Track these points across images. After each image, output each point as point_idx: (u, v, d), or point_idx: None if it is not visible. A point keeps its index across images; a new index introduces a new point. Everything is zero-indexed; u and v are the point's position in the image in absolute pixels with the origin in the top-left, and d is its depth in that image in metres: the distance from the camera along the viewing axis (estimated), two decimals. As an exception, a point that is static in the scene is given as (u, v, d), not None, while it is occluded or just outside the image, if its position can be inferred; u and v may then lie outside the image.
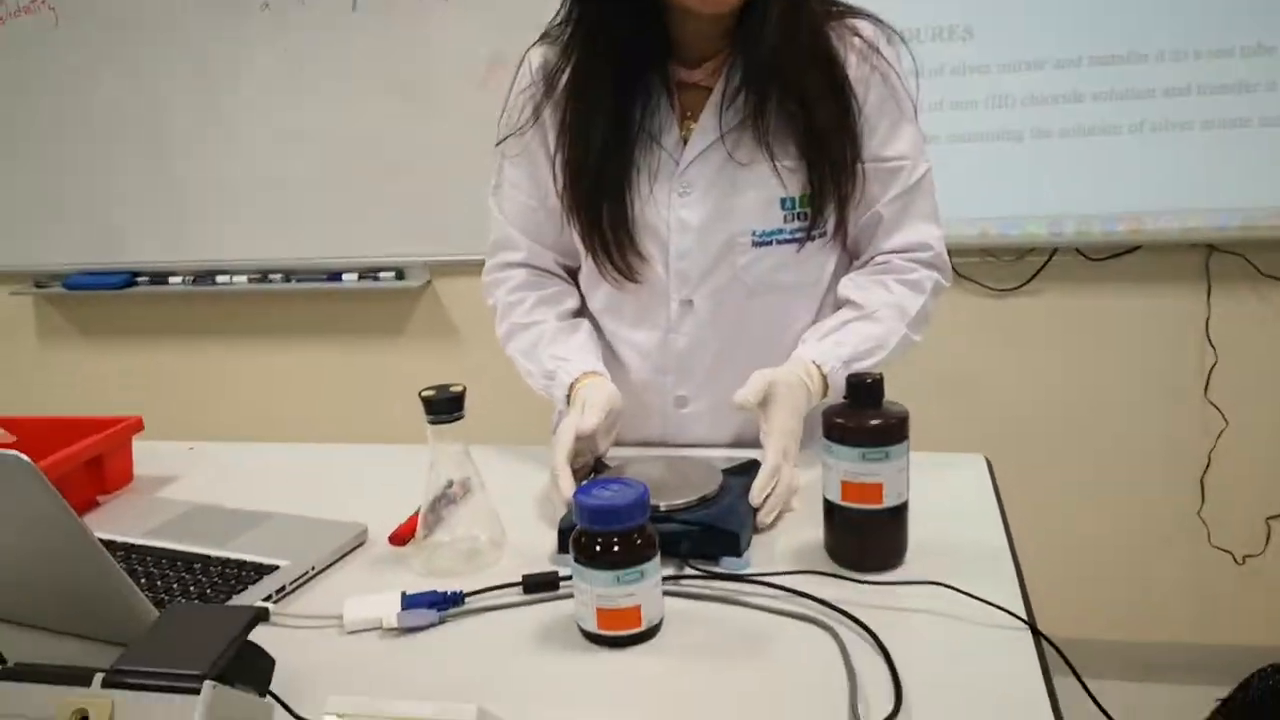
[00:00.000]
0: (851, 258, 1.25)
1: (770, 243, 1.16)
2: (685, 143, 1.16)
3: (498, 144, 1.24)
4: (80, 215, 2.65)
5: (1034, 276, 2.28)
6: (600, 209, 1.16)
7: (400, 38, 2.37)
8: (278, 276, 2.57)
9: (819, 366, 1.11)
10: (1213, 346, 2.23)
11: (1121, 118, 2.12)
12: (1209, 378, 2.25)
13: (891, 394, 0.92)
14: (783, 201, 1.15)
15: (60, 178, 2.64)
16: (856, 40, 1.14)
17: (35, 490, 0.72)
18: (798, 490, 1.06)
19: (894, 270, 1.20)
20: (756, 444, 1.22)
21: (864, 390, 0.91)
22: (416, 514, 1.00)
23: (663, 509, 0.94)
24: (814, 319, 1.22)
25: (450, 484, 0.98)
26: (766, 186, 1.14)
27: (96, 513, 1.17)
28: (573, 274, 1.31)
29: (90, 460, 1.19)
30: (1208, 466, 2.29)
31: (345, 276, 2.53)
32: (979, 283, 2.30)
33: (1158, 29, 2.07)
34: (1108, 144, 2.13)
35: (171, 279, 2.63)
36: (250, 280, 2.59)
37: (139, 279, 2.65)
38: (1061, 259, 2.25)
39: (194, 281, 2.61)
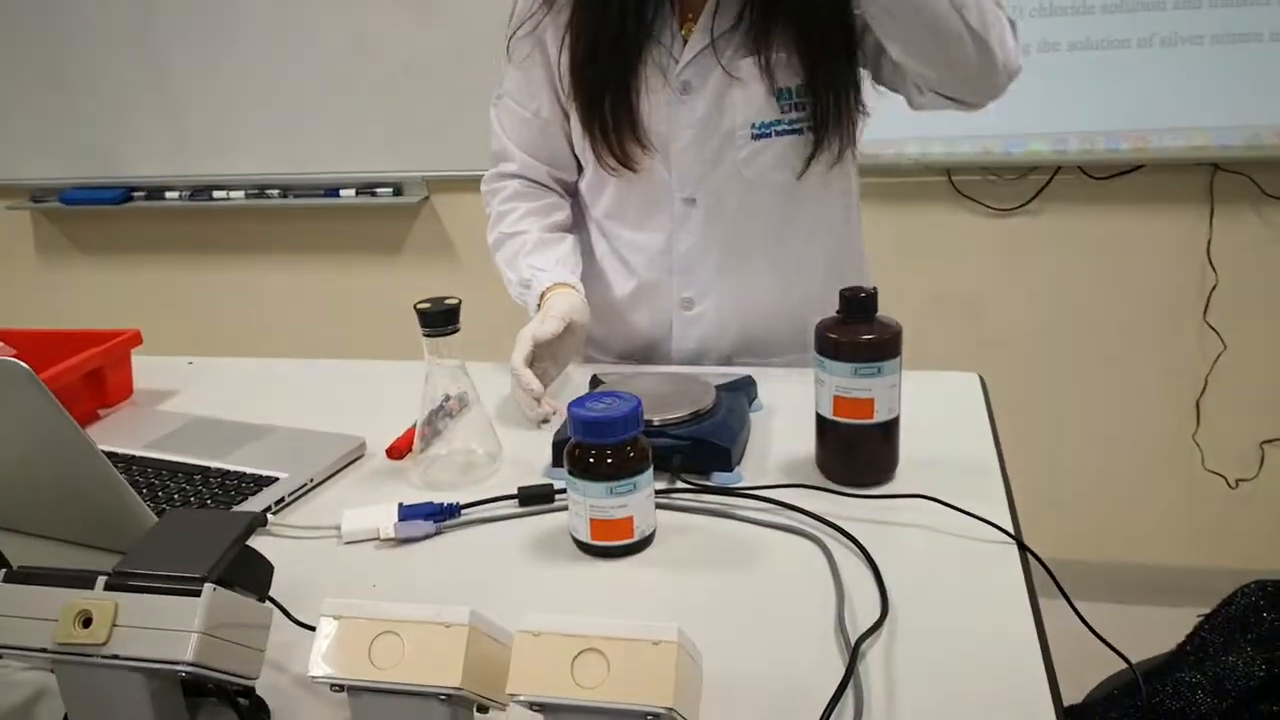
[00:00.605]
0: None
1: (770, 134, 1.17)
2: (685, 43, 1.17)
3: (508, 45, 1.24)
4: (77, 130, 2.62)
5: (1036, 196, 2.25)
6: (602, 93, 1.17)
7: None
8: (275, 192, 2.56)
9: None
10: (1213, 268, 2.22)
11: (1131, 31, 2.08)
12: (1208, 300, 2.24)
13: (890, 311, 0.92)
14: (780, 93, 1.16)
15: (57, 93, 2.60)
16: None
17: (34, 397, 0.73)
18: None
19: None
20: (759, 353, 1.26)
21: (857, 304, 0.91)
22: (413, 428, 1.02)
23: (656, 423, 0.95)
24: (816, 209, 1.23)
25: (447, 398, 0.99)
26: (763, 79, 1.15)
27: (97, 425, 1.19)
28: (569, 189, 1.32)
29: (90, 373, 1.20)
30: (1204, 390, 2.30)
31: (343, 192, 2.51)
32: (980, 202, 2.28)
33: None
34: (1116, 58, 2.09)
35: (168, 194, 2.61)
36: (247, 196, 2.57)
37: (135, 194, 2.63)
38: (1064, 178, 2.23)
39: (191, 197, 2.60)
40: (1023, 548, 0.82)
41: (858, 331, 0.91)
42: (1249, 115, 2.08)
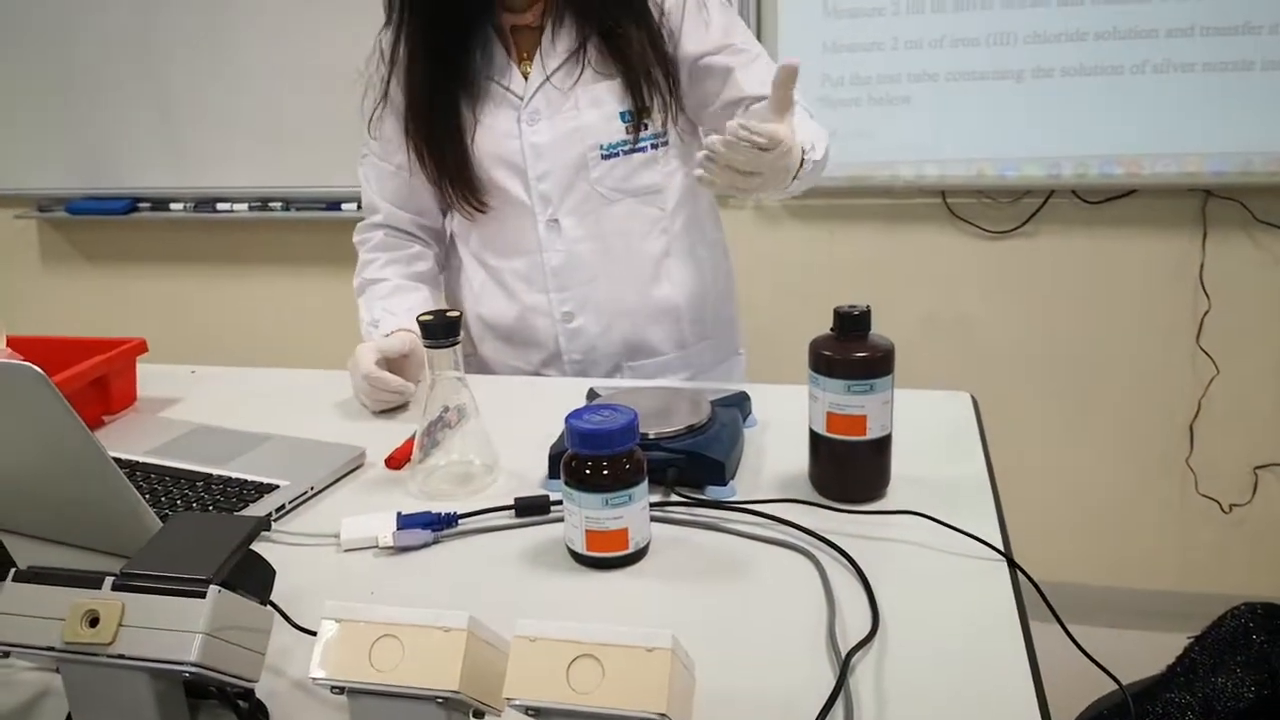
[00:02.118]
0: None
1: (618, 154, 1.28)
2: (526, 78, 1.27)
3: (361, 107, 1.37)
4: (83, 141, 2.64)
5: (1030, 219, 2.28)
6: (442, 150, 1.28)
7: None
8: (277, 205, 2.58)
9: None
10: (1206, 293, 2.24)
11: (1124, 58, 2.10)
12: (1201, 324, 2.26)
13: (884, 332, 0.94)
14: (621, 115, 1.27)
15: (64, 103, 2.62)
16: None
17: (46, 401, 0.75)
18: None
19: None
20: (648, 351, 1.37)
21: (850, 321, 0.93)
22: (413, 438, 1.03)
23: (652, 437, 0.97)
24: (672, 217, 1.33)
25: (446, 409, 1.00)
26: (603, 104, 1.26)
27: (101, 431, 1.20)
28: (435, 234, 1.43)
29: (95, 380, 1.22)
30: (1197, 413, 2.31)
31: (345, 205, 2.53)
32: (974, 224, 2.30)
33: (1163, -32, 2.05)
34: (1109, 84, 2.12)
35: (173, 206, 2.63)
36: (250, 208, 2.59)
37: (141, 205, 2.66)
38: (1057, 202, 2.25)
39: (195, 208, 2.62)
40: (1014, 566, 0.83)
41: (851, 349, 0.92)
42: (1241, 142, 2.11)
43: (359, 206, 1.47)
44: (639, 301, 1.34)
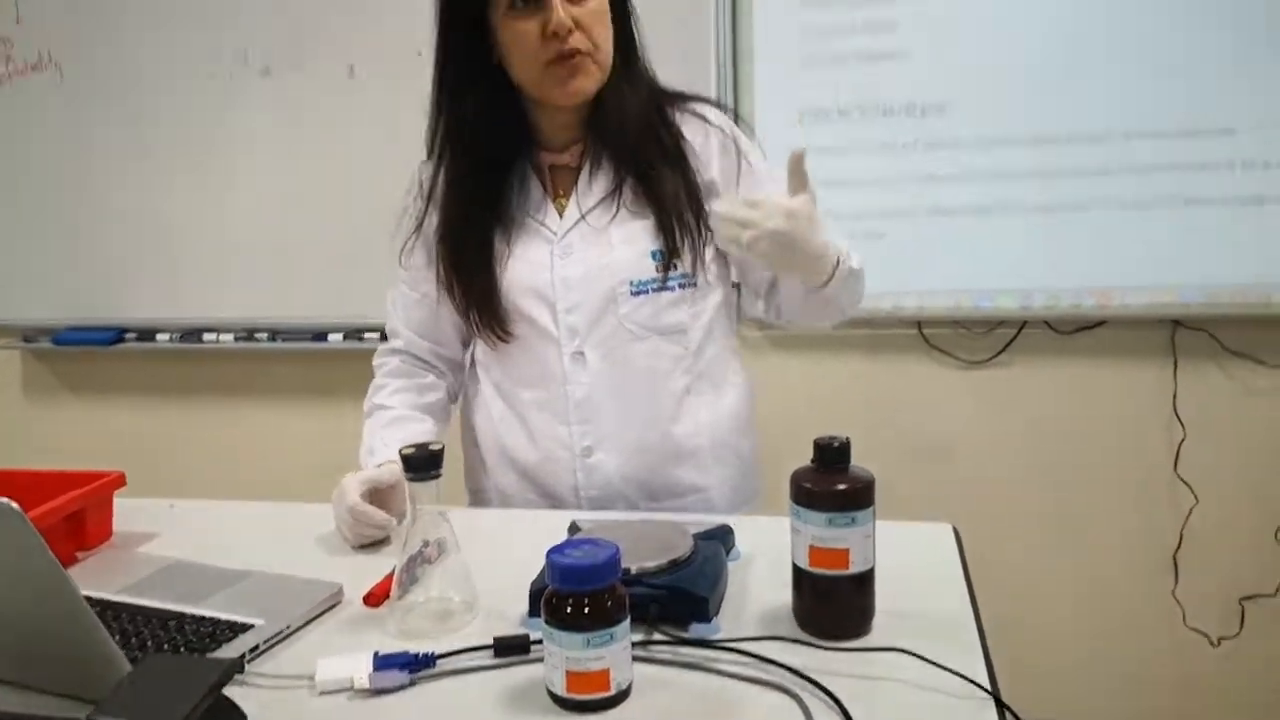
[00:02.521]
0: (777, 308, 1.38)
1: (647, 291, 1.30)
2: (561, 215, 1.31)
3: (399, 250, 1.41)
4: (72, 271, 2.68)
5: (1005, 348, 2.32)
6: (471, 277, 1.31)
7: (397, 102, 2.43)
8: (264, 335, 2.60)
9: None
10: (1181, 422, 2.26)
11: (1088, 194, 2.18)
12: (1178, 453, 2.28)
13: (864, 462, 0.95)
14: (652, 254, 1.29)
15: (55, 233, 2.67)
16: (711, 130, 1.33)
17: (21, 538, 0.74)
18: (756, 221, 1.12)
19: None
20: (667, 491, 1.34)
21: (831, 453, 0.94)
22: (392, 574, 1.02)
23: (633, 571, 0.96)
24: (696, 357, 1.35)
25: (426, 544, 1.00)
26: (636, 242, 1.29)
27: (75, 568, 1.18)
28: (453, 364, 1.45)
29: (71, 515, 1.20)
30: (1179, 544, 2.31)
31: (331, 336, 2.55)
32: (951, 354, 2.34)
33: (1122, 110, 2.15)
34: (1075, 219, 2.19)
35: (159, 336, 2.65)
36: (237, 339, 2.61)
37: (127, 335, 2.67)
38: (1031, 332, 2.30)
39: (181, 339, 2.63)
40: (1001, 705, 0.82)
41: (832, 481, 0.93)
42: (1207, 274, 2.17)
43: (382, 336, 1.49)
44: (660, 440, 1.33)
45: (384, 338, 1.48)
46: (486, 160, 1.30)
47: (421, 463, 0.98)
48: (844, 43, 2.24)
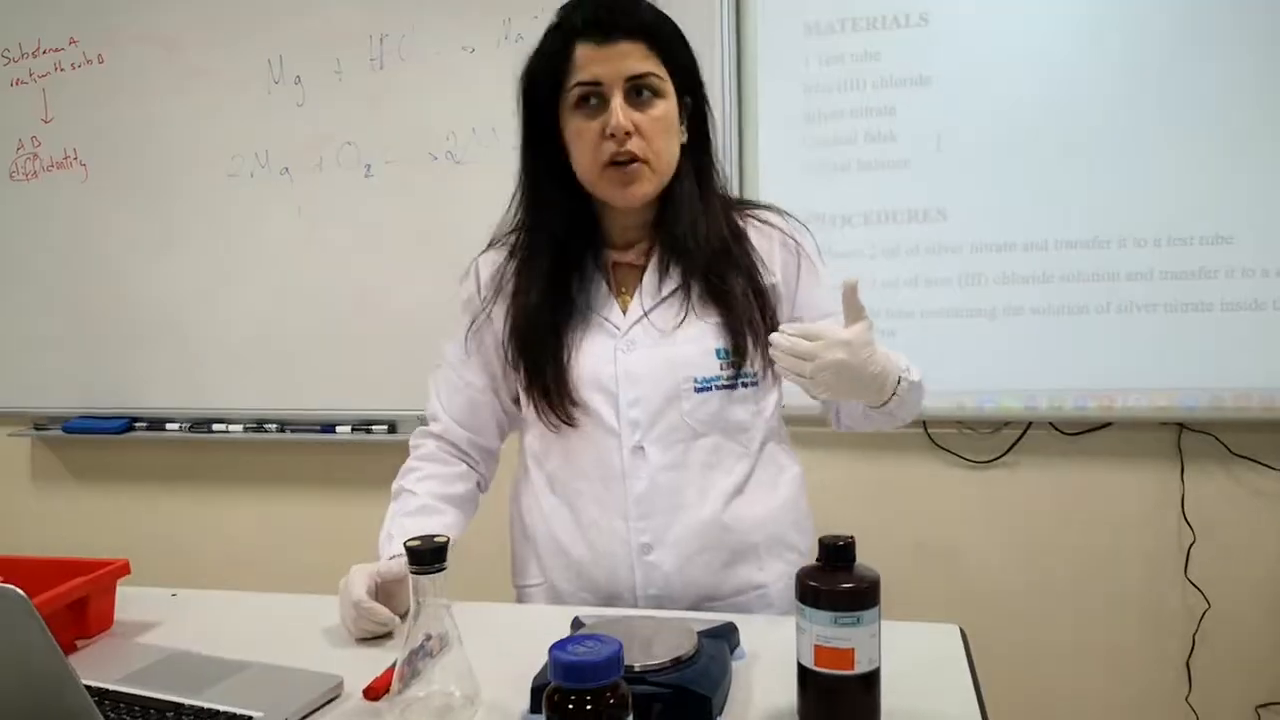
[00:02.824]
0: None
1: (710, 388, 1.30)
2: (625, 312, 1.31)
3: (463, 338, 1.40)
4: (84, 360, 2.72)
5: (1010, 449, 2.32)
6: (540, 366, 1.30)
7: (411, 202, 2.50)
8: (273, 426, 2.62)
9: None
10: (1189, 525, 2.25)
11: (1088, 298, 2.22)
12: (1188, 556, 2.26)
13: (870, 561, 0.95)
14: (717, 351, 1.29)
15: (69, 323, 2.72)
16: (773, 231, 1.35)
17: (25, 625, 0.74)
18: (813, 361, 1.13)
19: None
20: (722, 593, 1.30)
21: (835, 552, 0.94)
22: (393, 667, 1.01)
23: (637, 669, 0.95)
24: (755, 455, 1.34)
25: (428, 637, 0.99)
26: (701, 340, 1.29)
27: (75, 656, 1.17)
28: (488, 454, 1.44)
29: (73, 602, 1.20)
30: (1192, 650, 2.27)
31: (339, 428, 2.57)
32: (956, 454, 2.35)
33: (1119, 217, 2.20)
34: (1076, 323, 2.22)
35: (169, 426, 2.67)
36: (245, 429, 2.63)
37: (137, 424, 2.69)
38: (1036, 433, 2.31)
39: (190, 429, 2.65)
40: (1007, 809, 0.81)
41: (837, 580, 0.93)
42: (1210, 378, 2.19)
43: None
44: (719, 537, 1.30)
45: (423, 421, 1.46)
46: (560, 257, 1.31)
47: (426, 556, 0.98)
48: (845, 152, 2.30)
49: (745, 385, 1.31)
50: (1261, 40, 2.12)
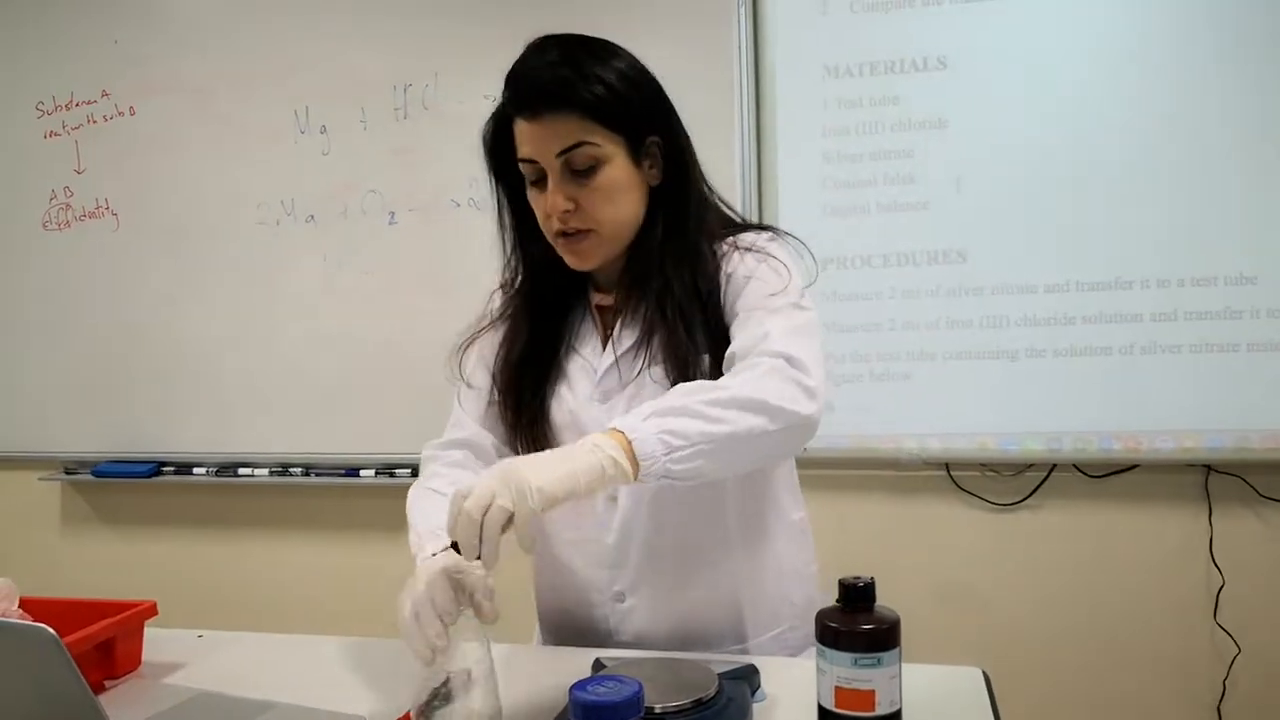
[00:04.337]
0: None
1: None
2: (603, 354, 1.30)
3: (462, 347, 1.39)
4: (114, 405, 2.76)
5: (1034, 492, 2.31)
6: (520, 408, 1.30)
7: (435, 248, 2.54)
8: (298, 470, 2.64)
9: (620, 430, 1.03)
10: (1218, 568, 2.22)
11: (1111, 340, 2.21)
12: (1217, 600, 2.22)
13: (890, 603, 0.95)
14: None
15: (99, 369, 2.76)
16: (736, 250, 1.25)
17: (57, 665, 0.76)
18: (494, 528, 0.92)
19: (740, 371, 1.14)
20: (697, 639, 1.29)
21: (856, 593, 0.94)
22: (412, 710, 1.01)
23: (657, 710, 0.95)
24: (733, 507, 1.29)
25: (448, 679, 0.99)
26: (664, 389, 1.21)
27: (103, 697, 1.17)
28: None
29: (101, 643, 1.21)
30: (1223, 695, 2.23)
31: (363, 472, 2.59)
32: (979, 496, 2.33)
33: (1142, 258, 2.20)
34: (1100, 364, 2.21)
35: (196, 470, 2.70)
36: (271, 473, 2.65)
37: (165, 469, 2.72)
38: (1060, 475, 2.29)
39: (217, 473, 2.68)
40: None
41: (857, 621, 0.93)
42: (1236, 419, 2.17)
43: (413, 473, 1.44)
44: (695, 589, 1.29)
45: (415, 473, 1.44)
46: (543, 301, 1.32)
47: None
48: (865, 194, 2.32)
49: None
50: (1282, 80, 2.13)
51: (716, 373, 1.23)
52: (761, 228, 1.32)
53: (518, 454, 1.31)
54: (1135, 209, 2.20)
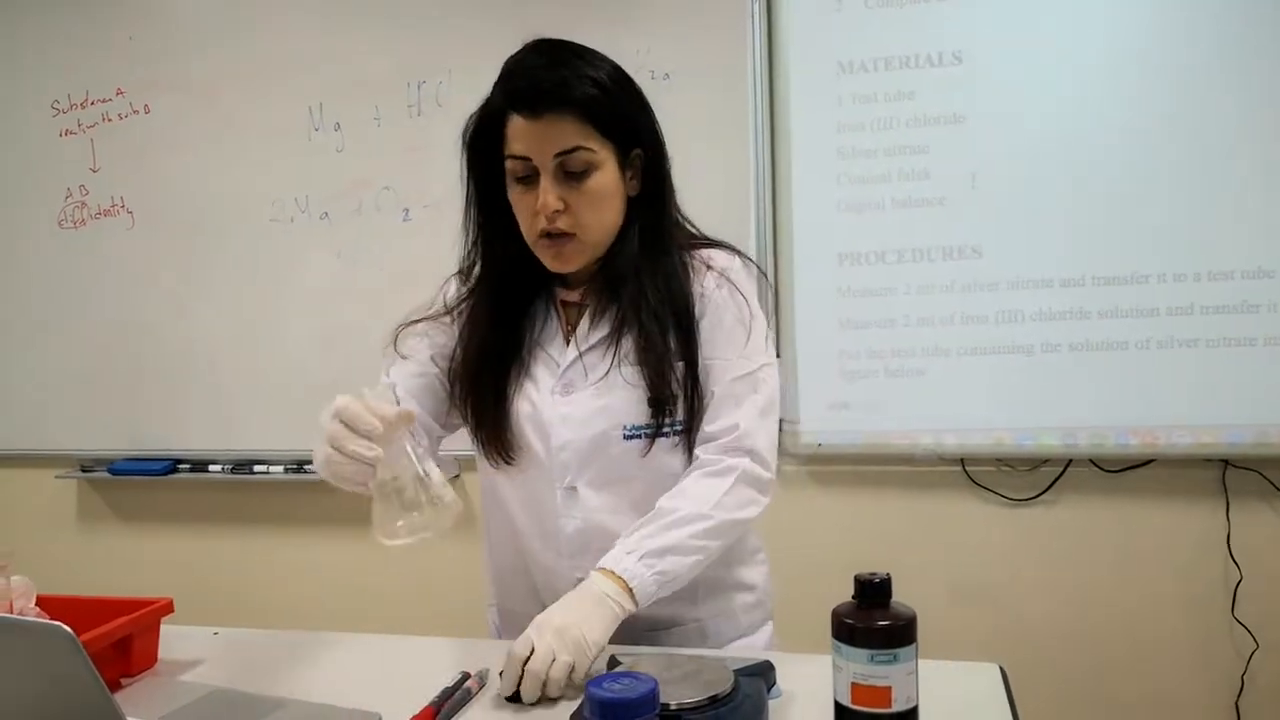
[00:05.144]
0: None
1: (640, 436, 1.29)
2: (567, 348, 1.32)
3: (400, 328, 1.42)
4: (130, 403, 2.77)
5: (1050, 487, 2.29)
6: (484, 401, 1.32)
7: (448, 245, 2.51)
8: (313, 467, 2.65)
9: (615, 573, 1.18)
10: (1236, 563, 2.21)
11: (1128, 334, 2.19)
12: (1235, 595, 2.21)
13: (907, 600, 0.94)
14: (650, 400, 1.28)
15: (115, 367, 2.78)
16: (709, 271, 1.31)
17: (74, 663, 0.76)
18: (561, 680, 1.07)
19: (701, 466, 1.28)
20: (660, 623, 1.32)
21: (871, 589, 0.93)
22: (431, 705, 1.02)
23: (673, 707, 0.95)
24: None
25: (466, 676, 0.99)
26: (630, 389, 1.28)
27: (119, 694, 1.19)
28: (432, 438, 1.40)
29: (117, 641, 1.22)
30: (1241, 690, 2.22)
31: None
32: (995, 492, 2.32)
33: (1157, 252, 2.18)
34: (1116, 359, 2.20)
35: (211, 467, 2.71)
36: (286, 470, 2.66)
37: (181, 466, 2.74)
38: (1077, 470, 2.28)
39: (232, 470, 2.69)
40: None
41: (873, 617, 0.92)
42: (1255, 414, 2.15)
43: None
44: None
45: None
46: (513, 291, 1.33)
47: None
48: (879, 190, 2.31)
49: (674, 434, 1.29)
50: (1298, 73, 2.11)
51: (691, 379, 1.28)
52: (723, 245, 1.36)
53: (478, 442, 1.34)
54: (1151, 203, 2.19)
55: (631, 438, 1.30)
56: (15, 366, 2.85)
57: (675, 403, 1.29)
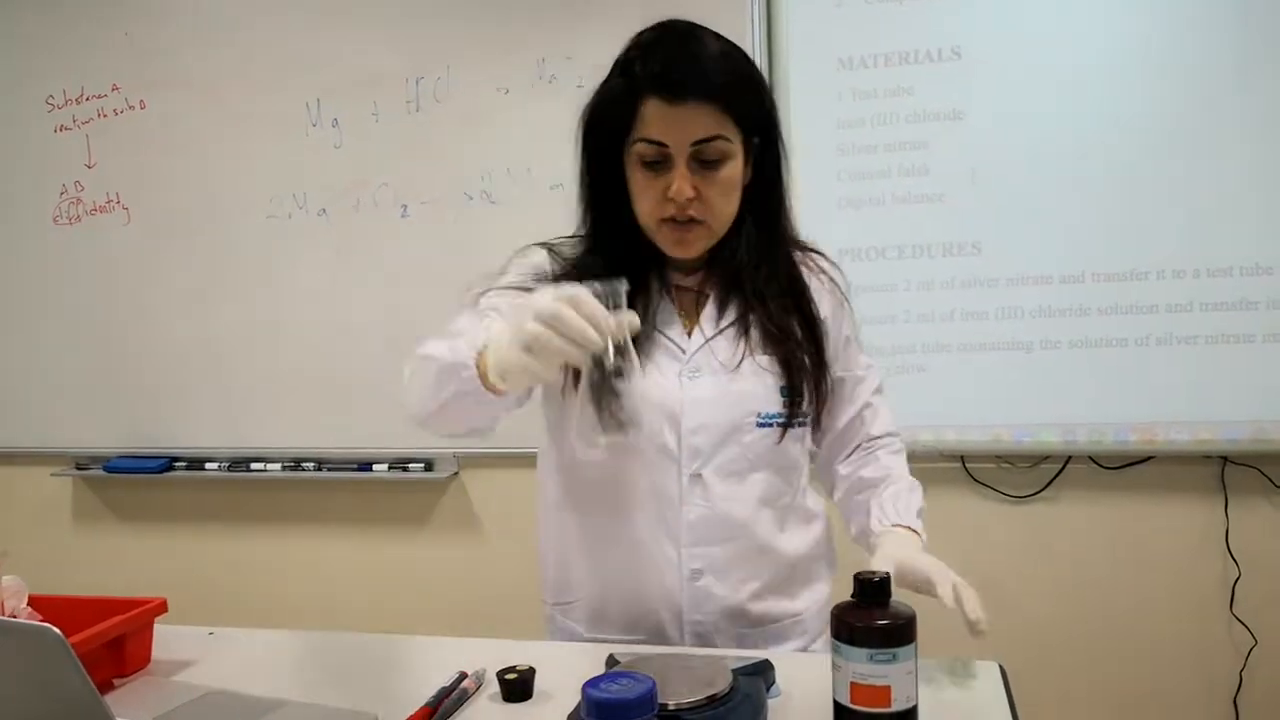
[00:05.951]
0: (834, 447, 1.42)
1: (771, 424, 1.28)
2: (690, 335, 1.30)
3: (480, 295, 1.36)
4: (125, 400, 2.76)
5: (1049, 484, 2.29)
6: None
7: (448, 240, 2.53)
8: (310, 465, 2.64)
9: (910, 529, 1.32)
10: (1234, 560, 2.20)
11: (1127, 331, 2.19)
12: (1233, 592, 2.21)
13: (908, 598, 0.94)
14: (781, 389, 1.28)
15: (110, 364, 2.77)
16: (822, 274, 1.36)
17: (63, 665, 0.75)
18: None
19: (884, 447, 1.40)
20: (768, 617, 1.31)
21: (871, 589, 0.93)
22: (426, 705, 1.01)
23: (671, 707, 0.94)
24: (796, 492, 1.35)
25: (463, 676, 0.99)
26: (764, 377, 1.28)
27: (112, 695, 1.18)
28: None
29: (111, 641, 1.21)
30: (1239, 687, 2.21)
31: (375, 467, 2.59)
32: (994, 488, 2.32)
33: (1157, 249, 2.18)
34: (1115, 355, 2.20)
35: (208, 465, 2.70)
36: (284, 468, 2.66)
37: (177, 464, 2.73)
38: (1076, 467, 2.27)
39: (229, 468, 2.68)
40: None
41: (872, 616, 0.92)
42: (1253, 410, 2.15)
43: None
44: (763, 568, 1.31)
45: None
46: (623, 272, 1.21)
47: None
48: (879, 186, 2.31)
49: (800, 424, 1.31)
50: (1298, 69, 2.10)
51: (817, 369, 1.30)
52: (816, 249, 1.40)
53: (602, 423, 1.17)
54: (1150, 200, 2.18)
55: (764, 425, 1.28)
56: (9, 363, 2.84)
57: (806, 392, 1.29)
